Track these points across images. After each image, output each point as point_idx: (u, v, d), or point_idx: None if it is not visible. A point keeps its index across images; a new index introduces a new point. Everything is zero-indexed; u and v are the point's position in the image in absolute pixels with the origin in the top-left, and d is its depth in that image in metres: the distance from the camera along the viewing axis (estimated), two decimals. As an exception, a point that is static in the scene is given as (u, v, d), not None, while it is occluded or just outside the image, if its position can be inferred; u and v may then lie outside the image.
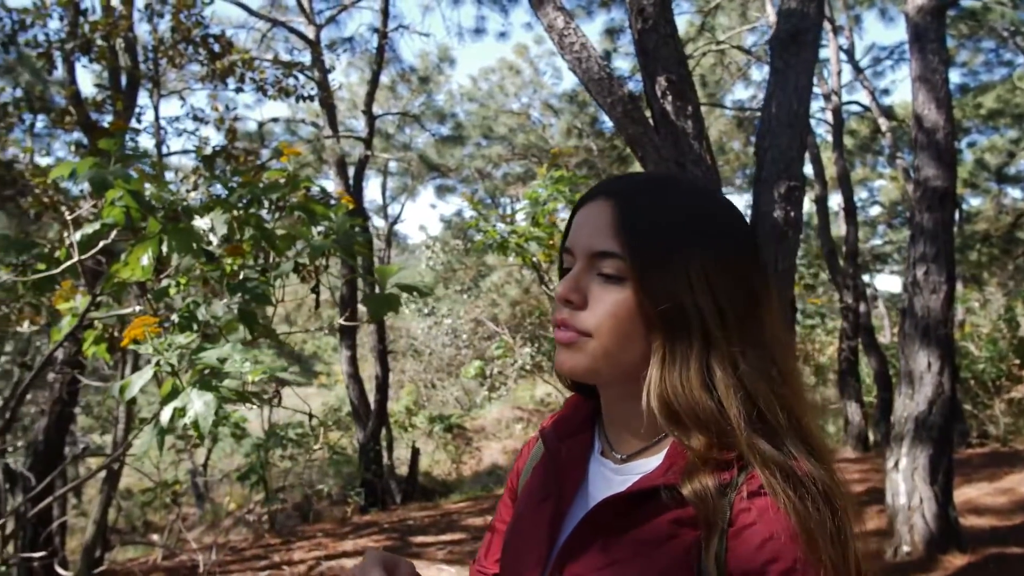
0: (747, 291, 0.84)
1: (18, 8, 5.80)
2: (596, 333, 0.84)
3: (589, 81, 3.43)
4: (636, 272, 0.82)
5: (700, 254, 0.82)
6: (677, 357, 0.81)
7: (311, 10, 10.47)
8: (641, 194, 0.87)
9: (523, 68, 16.10)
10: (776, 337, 0.85)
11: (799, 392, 0.85)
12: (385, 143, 14.40)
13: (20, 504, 2.63)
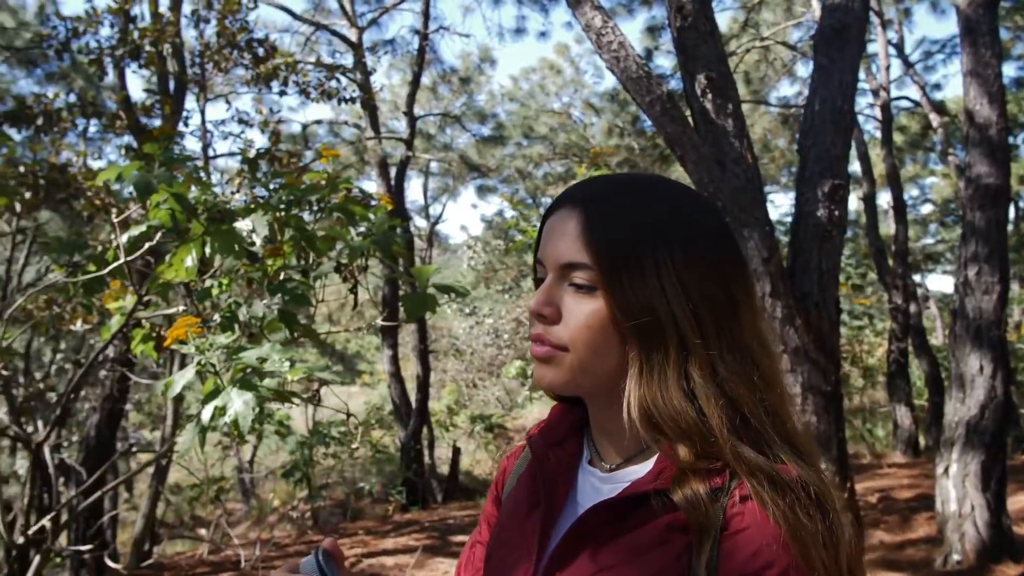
0: (725, 293, 0.81)
1: (71, 16, 5.98)
2: (572, 346, 0.82)
3: (627, 80, 3.41)
4: (605, 281, 0.80)
5: (671, 258, 0.79)
6: (654, 366, 0.79)
7: (353, 13, 10.59)
8: (607, 199, 0.84)
9: (564, 67, 16.07)
10: (757, 339, 0.82)
11: (783, 395, 0.82)
12: (426, 144, 14.50)
13: (72, 497, 2.71)
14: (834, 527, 0.73)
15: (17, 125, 5.78)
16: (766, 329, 0.86)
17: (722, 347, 0.79)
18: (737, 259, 0.85)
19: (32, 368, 11.46)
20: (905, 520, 6.19)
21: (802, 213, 3.68)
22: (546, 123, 15.94)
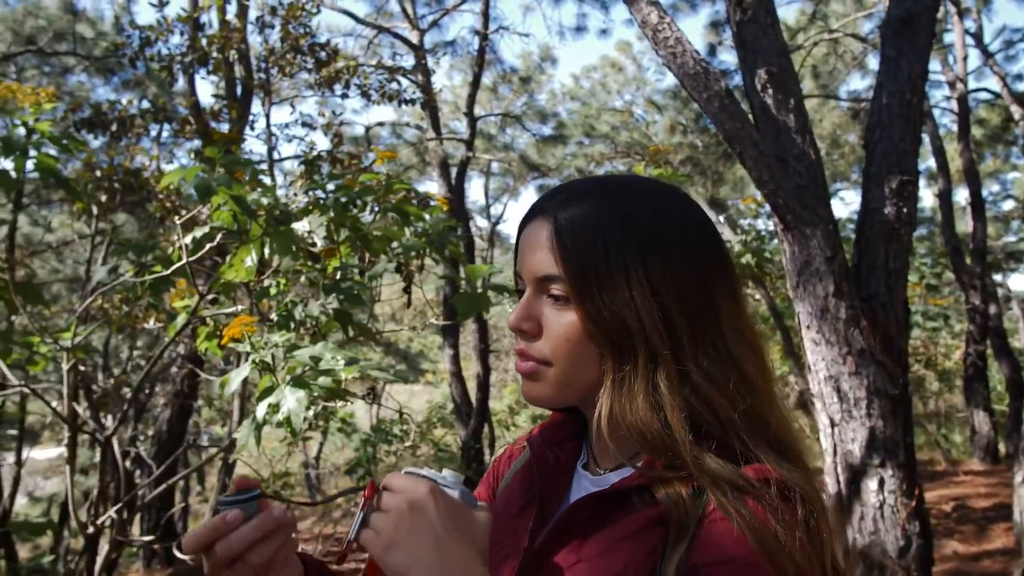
0: (704, 295, 0.79)
1: (144, 26, 6.20)
2: (554, 360, 0.81)
3: (684, 76, 3.34)
4: (576, 293, 0.79)
5: (643, 264, 0.78)
6: (625, 378, 0.78)
7: (415, 15, 10.72)
8: (576, 206, 0.82)
9: (626, 65, 15.91)
10: (742, 340, 0.80)
11: (766, 395, 0.80)
12: (487, 144, 14.56)
13: (137, 489, 2.81)
14: (817, 527, 0.71)
15: (94, 131, 6.03)
16: (752, 330, 0.84)
17: (697, 353, 0.77)
18: (718, 259, 0.83)
19: (110, 365, 11.96)
20: (981, 530, 5.94)
21: (868, 210, 3.55)
22: (607, 121, 15.81)
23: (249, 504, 0.77)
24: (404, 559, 0.71)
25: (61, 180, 2.76)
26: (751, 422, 0.77)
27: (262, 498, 0.78)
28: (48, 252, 12.54)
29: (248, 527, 0.76)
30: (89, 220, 7.32)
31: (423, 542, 0.71)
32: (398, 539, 0.72)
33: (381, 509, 0.75)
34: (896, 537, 3.25)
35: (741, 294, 0.85)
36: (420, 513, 0.73)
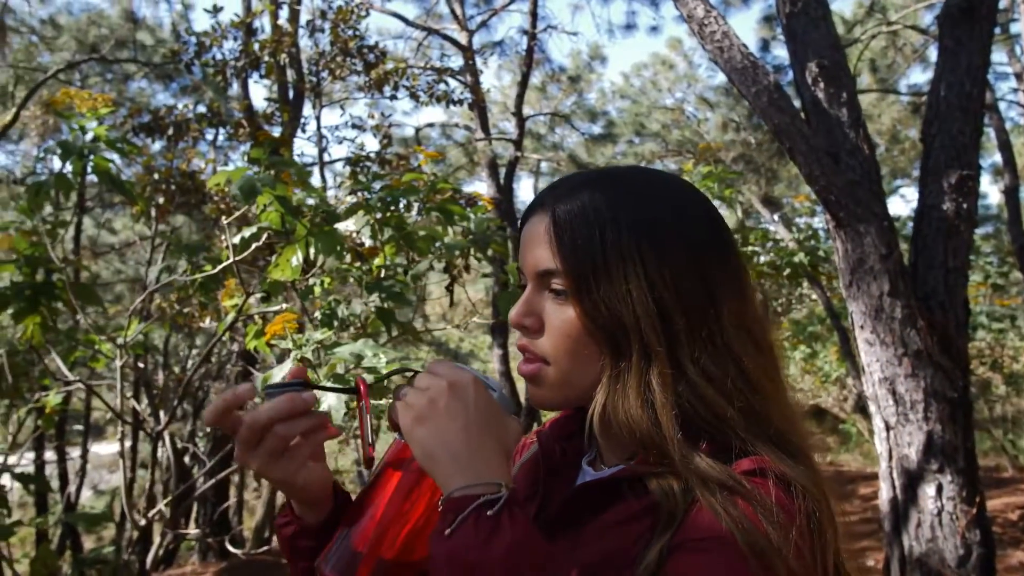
0: (704, 289, 0.77)
1: (199, 32, 6.36)
2: (554, 358, 0.80)
3: (732, 71, 3.28)
4: (574, 288, 0.78)
5: (640, 257, 0.76)
6: (620, 374, 0.76)
7: (463, 16, 10.77)
8: (575, 199, 0.81)
9: (677, 62, 15.72)
10: (745, 336, 0.78)
11: (770, 393, 0.77)
12: (536, 144, 14.56)
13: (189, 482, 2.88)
14: (819, 526, 0.69)
15: (152, 135, 6.21)
16: (761, 327, 0.81)
17: (695, 349, 0.76)
18: (722, 249, 0.81)
19: (170, 362, 12.31)
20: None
21: (926, 206, 3.44)
22: (658, 120, 15.64)
23: (293, 387, 0.78)
24: (432, 436, 0.72)
25: (116, 183, 2.84)
26: (751, 419, 0.75)
27: (306, 387, 0.78)
28: (111, 254, 12.97)
29: (279, 400, 0.76)
30: (148, 222, 7.53)
31: (455, 423, 0.72)
32: (431, 415, 0.72)
33: (418, 387, 0.75)
34: (955, 546, 3.13)
35: (748, 291, 0.82)
36: (458, 396, 0.73)
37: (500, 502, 0.68)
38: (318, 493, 0.83)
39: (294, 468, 0.78)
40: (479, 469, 0.70)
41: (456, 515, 0.67)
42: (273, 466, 0.77)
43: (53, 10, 10.44)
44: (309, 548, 0.84)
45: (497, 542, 0.65)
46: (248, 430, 0.75)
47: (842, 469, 10.91)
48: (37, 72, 9.73)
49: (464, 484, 0.69)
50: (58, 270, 3.04)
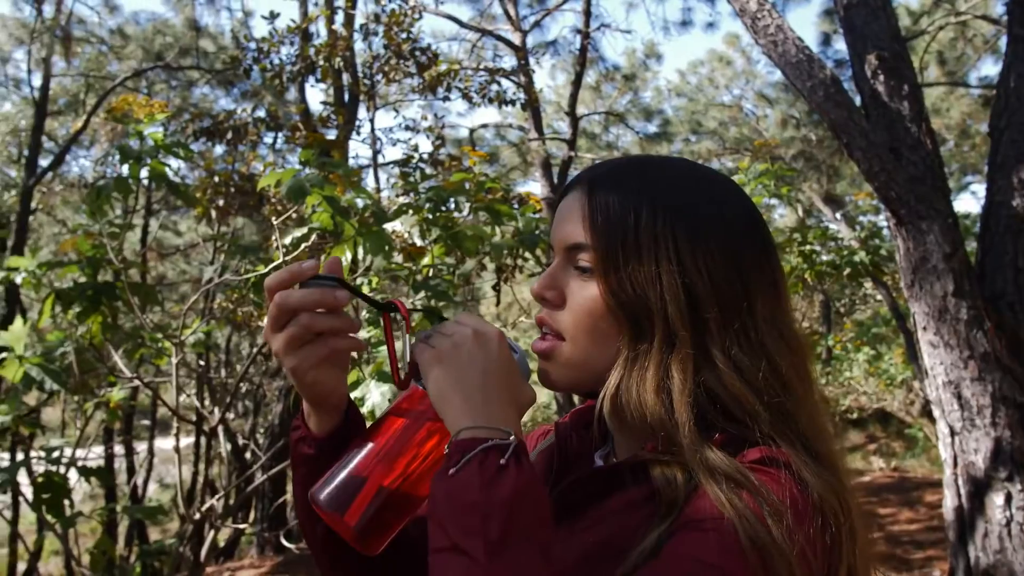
0: (739, 283, 0.75)
1: (258, 38, 6.51)
2: (571, 335, 0.79)
3: (786, 65, 3.20)
4: (601, 263, 0.76)
5: (675, 242, 0.74)
6: (638, 357, 0.74)
7: (517, 17, 10.77)
8: (615, 179, 0.80)
9: (734, 58, 15.44)
10: (779, 334, 0.75)
11: (801, 397, 0.74)
12: (590, 143, 14.47)
13: (242, 478, 2.94)
14: (836, 535, 0.66)
15: (212, 140, 6.38)
16: (795, 333, 0.79)
17: (726, 338, 0.73)
18: (760, 249, 0.78)
19: (233, 360, 12.64)
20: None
21: (994, 203, 3.29)
22: (715, 117, 15.39)
23: (331, 284, 0.76)
24: (449, 375, 0.71)
25: (172, 186, 2.92)
26: (777, 417, 0.72)
27: (344, 287, 0.77)
28: (176, 255, 13.38)
29: (311, 290, 0.75)
30: (210, 224, 7.74)
31: (473, 370, 0.72)
32: (452, 357, 0.72)
33: (443, 331, 0.75)
34: (1025, 558, 2.98)
35: (784, 294, 0.80)
36: (481, 344, 0.73)
37: (509, 449, 0.67)
38: (328, 399, 0.81)
39: (308, 363, 0.76)
40: (491, 414, 0.70)
41: (462, 455, 0.66)
42: (290, 352, 0.76)
43: (121, 20, 10.86)
44: (310, 457, 0.82)
45: (501, 486, 0.64)
46: (276, 308, 0.75)
47: (907, 475, 10.55)
48: (106, 80, 10.10)
49: (474, 425, 0.69)
50: (118, 271, 3.14)
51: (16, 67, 11.40)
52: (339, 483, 0.75)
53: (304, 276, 0.75)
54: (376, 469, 0.75)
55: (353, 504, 0.73)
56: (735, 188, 0.83)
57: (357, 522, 0.73)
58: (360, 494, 0.73)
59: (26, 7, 9.75)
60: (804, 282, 5.88)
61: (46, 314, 3.31)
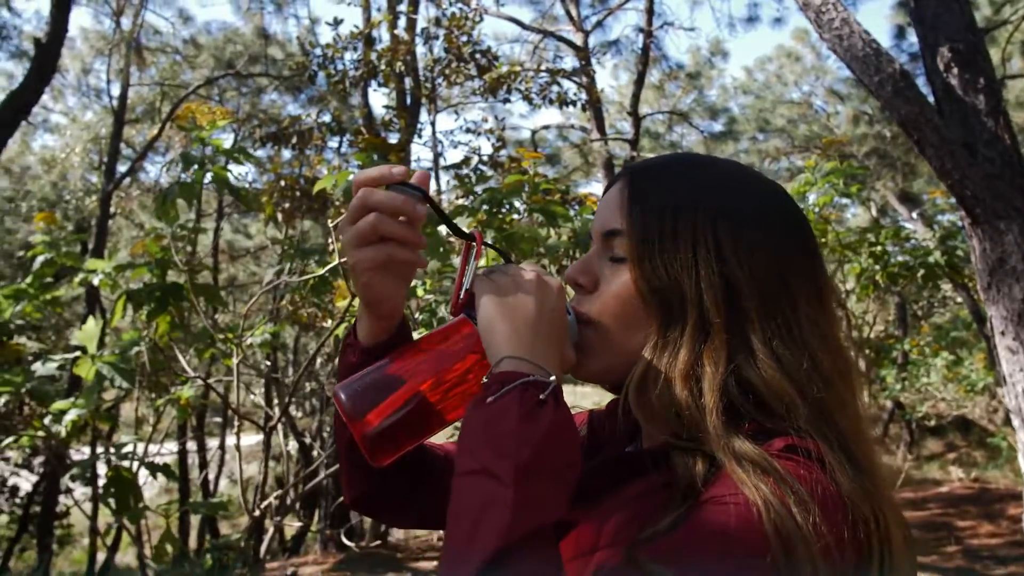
0: (779, 280, 0.73)
1: (322, 45, 6.65)
2: (599, 320, 0.77)
3: (852, 60, 3.09)
4: (635, 248, 0.75)
5: (714, 234, 0.73)
6: (668, 344, 0.72)
7: (579, 17, 10.73)
8: (660, 170, 0.80)
9: (803, 54, 15.02)
10: (819, 336, 0.73)
11: (841, 392, 0.71)
12: (653, 143, 14.30)
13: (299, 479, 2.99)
14: (866, 539, 0.62)
15: (277, 144, 6.53)
16: (839, 341, 0.76)
17: (767, 330, 0.71)
18: (804, 255, 0.77)
19: (300, 360, 12.93)
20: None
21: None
22: (783, 115, 15.02)
23: (416, 197, 0.76)
24: (501, 308, 0.72)
25: (232, 190, 2.99)
26: (817, 414, 0.68)
27: (426, 202, 0.76)
28: (247, 257, 13.77)
29: (391, 194, 0.74)
30: (279, 227, 7.92)
31: (527, 307, 0.72)
32: (509, 290, 0.73)
33: (506, 269, 0.75)
34: (1114, 578, 2.80)
35: (830, 307, 0.77)
36: (540, 289, 0.73)
37: (549, 387, 0.66)
38: (380, 306, 0.81)
39: (367, 263, 0.76)
40: (536, 352, 0.70)
41: (502, 386, 0.66)
42: (354, 248, 0.76)
43: (194, 30, 11.23)
44: (352, 365, 0.82)
45: (537, 421, 0.64)
46: (356, 202, 0.75)
47: (988, 487, 10.08)
48: (180, 88, 10.46)
49: (517, 356, 0.69)
50: (186, 272, 3.24)
51: (97, 78, 11.92)
52: (367, 384, 0.75)
53: (392, 179, 0.75)
54: (410, 381, 0.74)
55: (375, 409, 0.73)
56: (783, 194, 0.81)
57: (375, 427, 0.72)
58: (385, 401, 0.73)
59: (106, 20, 10.19)
60: (875, 284, 5.66)
61: (118, 314, 3.44)
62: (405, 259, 0.76)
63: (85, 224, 10.19)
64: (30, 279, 4.01)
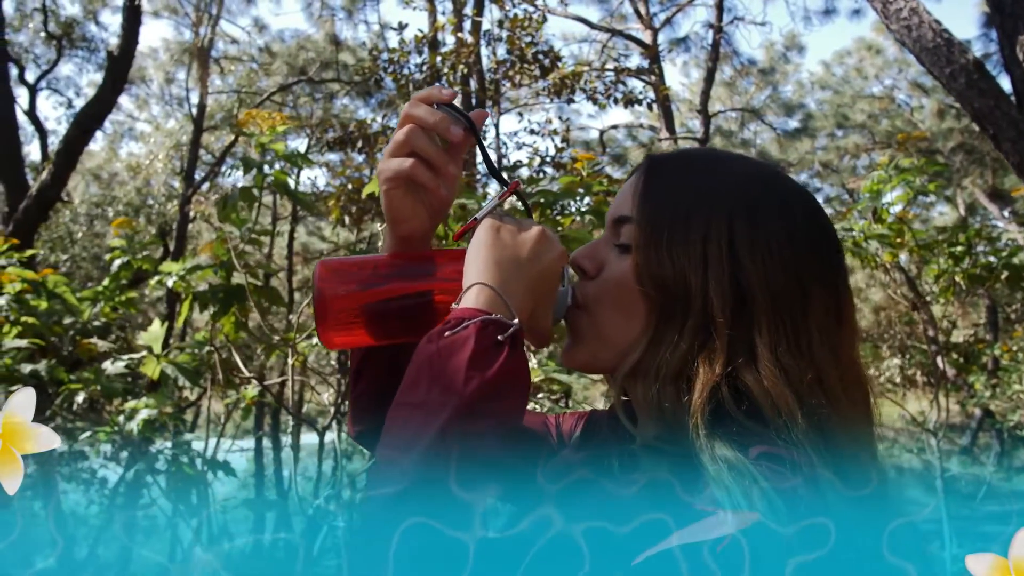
0: (794, 283, 0.68)
1: (389, 49, 6.76)
2: (594, 303, 0.74)
3: (922, 51, 2.95)
4: (642, 237, 0.70)
5: (729, 231, 0.69)
6: (664, 341, 0.68)
7: (647, 15, 10.60)
8: (680, 162, 0.77)
9: (885, 46, 14.44)
10: (828, 346, 0.68)
11: (846, 414, 0.67)
12: (725, 142, 14.00)
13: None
14: None
15: (343, 148, 6.67)
16: (855, 360, 0.71)
17: (773, 336, 0.67)
18: (824, 258, 0.72)
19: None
20: None
21: None
22: (863, 110, 14.49)
23: (459, 123, 0.76)
24: (492, 243, 0.70)
25: (291, 193, 3.06)
26: (816, 430, 0.64)
27: (471, 132, 0.76)
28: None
29: (434, 113, 0.74)
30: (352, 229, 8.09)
31: (518, 251, 0.70)
32: (506, 233, 0.71)
33: (518, 220, 0.74)
34: None
35: (849, 325, 0.72)
36: (539, 243, 0.71)
37: (510, 329, 0.65)
38: (398, 226, 0.80)
39: (390, 175, 0.75)
40: (510, 290, 0.68)
41: (460, 322, 0.64)
42: (388, 161, 0.75)
43: (269, 38, 11.60)
44: None
45: (489, 361, 0.62)
46: (403, 114, 0.75)
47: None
48: (256, 95, 10.81)
49: (487, 284, 0.67)
50: (246, 274, 3.33)
51: (179, 87, 12.45)
52: (355, 262, 0.76)
53: (440, 99, 0.75)
54: (388, 281, 0.75)
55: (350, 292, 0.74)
56: (809, 198, 0.77)
57: (340, 307, 0.73)
58: (368, 291, 0.74)
59: (186, 31, 10.62)
60: (957, 286, 5.39)
61: (184, 315, 3.56)
62: (427, 181, 0.75)
63: (167, 228, 10.65)
64: (107, 281, 4.21)
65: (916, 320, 11.99)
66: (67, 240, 11.37)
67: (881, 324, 16.36)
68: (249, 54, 11.44)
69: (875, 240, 5.15)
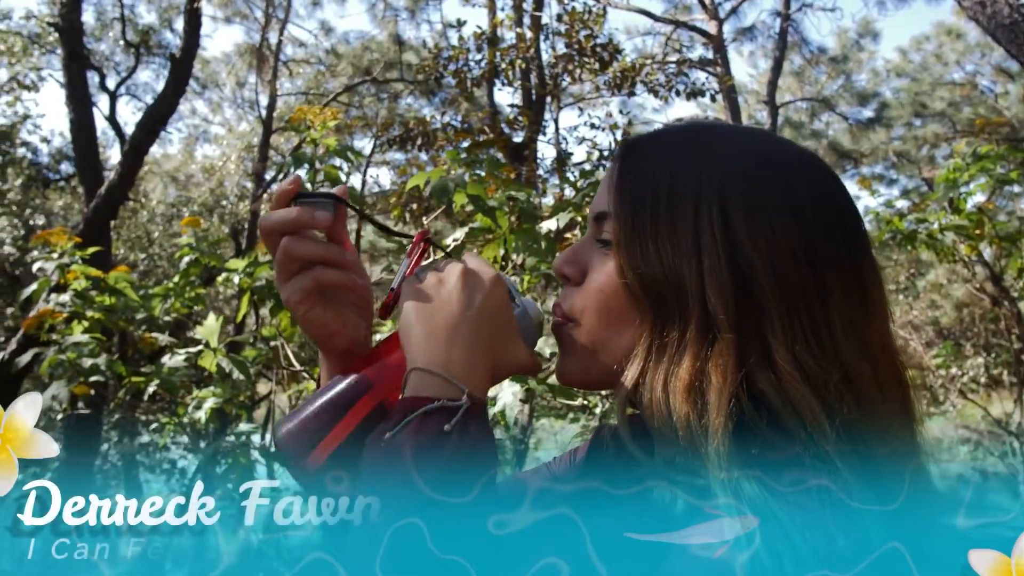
0: (809, 275, 0.59)
1: (449, 46, 6.80)
2: (582, 314, 0.66)
3: (997, 28, 2.79)
4: (623, 233, 0.62)
5: (723, 215, 0.60)
6: (666, 349, 0.59)
7: (712, 5, 10.40)
8: (656, 142, 0.67)
9: (966, 30, 13.79)
10: (856, 340, 0.59)
11: (883, 417, 0.58)
12: (794, 133, 13.58)
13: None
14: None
15: (404, 146, 6.76)
16: (888, 342, 0.63)
17: (788, 334, 0.58)
18: (842, 246, 0.62)
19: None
20: None
21: None
22: (943, 97, 13.88)
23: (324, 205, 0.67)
24: (419, 312, 0.63)
25: (342, 189, 3.09)
26: (848, 439, 0.55)
27: (341, 206, 0.68)
28: (389, 256, 14.36)
29: (291, 209, 0.66)
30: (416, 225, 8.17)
31: (448, 307, 0.63)
32: (431, 293, 0.64)
33: (437, 269, 0.67)
34: None
35: (878, 310, 0.63)
36: (468, 285, 0.64)
37: (459, 411, 0.58)
38: (330, 341, 0.72)
39: (296, 296, 0.68)
40: (452, 360, 0.61)
41: (404, 415, 0.58)
42: (280, 283, 0.68)
43: (335, 40, 11.86)
44: None
45: (436, 456, 0.56)
46: (263, 234, 0.67)
47: None
48: (323, 96, 11.06)
49: (426, 369, 0.60)
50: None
51: (250, 90, 12.85)
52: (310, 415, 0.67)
53: (285, 194, 0.66)
54: (344, 413, 0.67)
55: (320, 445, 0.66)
56: (820, 168, 0.67)
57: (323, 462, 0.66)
58: (330, 434, 0.66)
59: (256, 36, 10.93)
60: (1042, 279, 5.10)
61: (243, 310, 3.65)
62: (336, 280, 0.68)
63: (239, 227, 10.99)
64: (177, 278, 4.35)
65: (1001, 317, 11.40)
66: (145, 240, 11.86)
67: (964, 321, 15.69)
68: (316, 56, 11.73)
69: (952, 231, 4.91)
